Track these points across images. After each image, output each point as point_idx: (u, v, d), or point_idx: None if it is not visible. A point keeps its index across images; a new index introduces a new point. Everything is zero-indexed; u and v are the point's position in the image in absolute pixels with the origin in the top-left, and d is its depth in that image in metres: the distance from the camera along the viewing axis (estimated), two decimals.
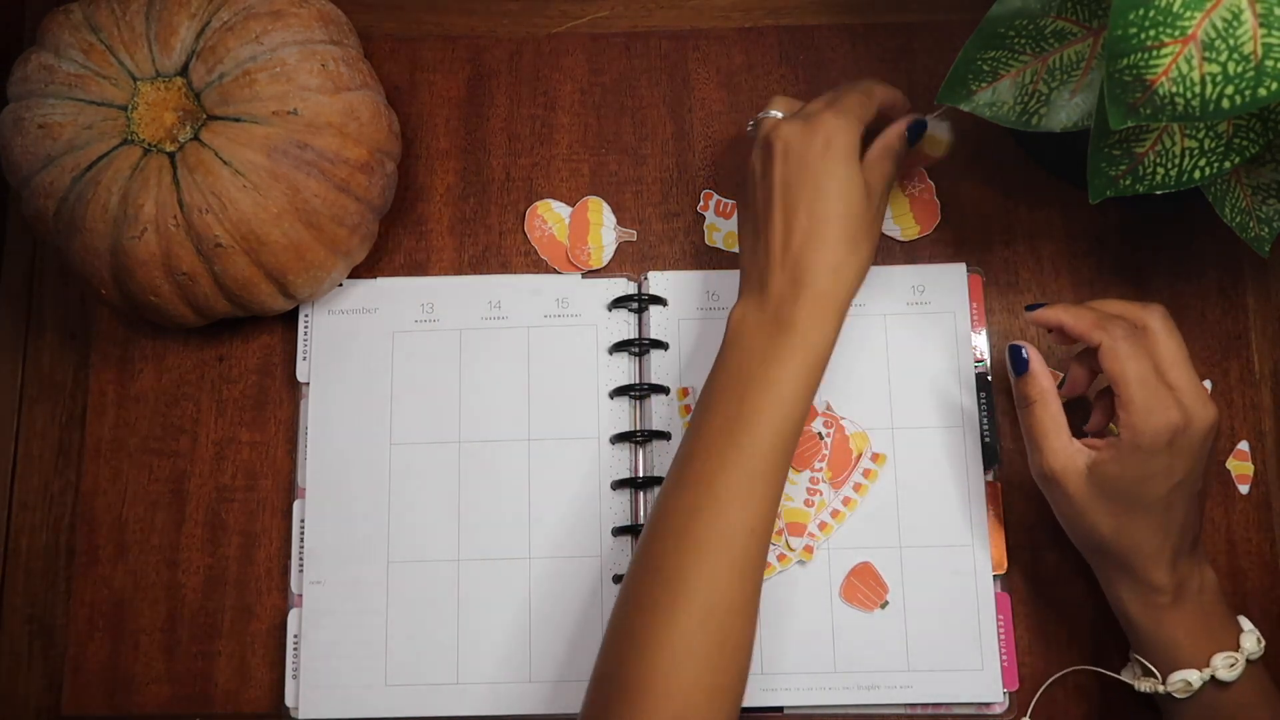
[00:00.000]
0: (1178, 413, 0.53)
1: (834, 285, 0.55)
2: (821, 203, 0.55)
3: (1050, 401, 0.57)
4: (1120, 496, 0.54)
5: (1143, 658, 0.57)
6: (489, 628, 0.63)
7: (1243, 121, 0.52)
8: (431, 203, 0.70)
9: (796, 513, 0.63)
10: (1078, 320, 0.56)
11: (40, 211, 0.60)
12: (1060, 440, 0.56)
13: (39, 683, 0.65)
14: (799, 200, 0.56)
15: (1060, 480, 0.56)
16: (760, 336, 0.55)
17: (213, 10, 0.60)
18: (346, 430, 0.66)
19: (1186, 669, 0.54)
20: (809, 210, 0.56)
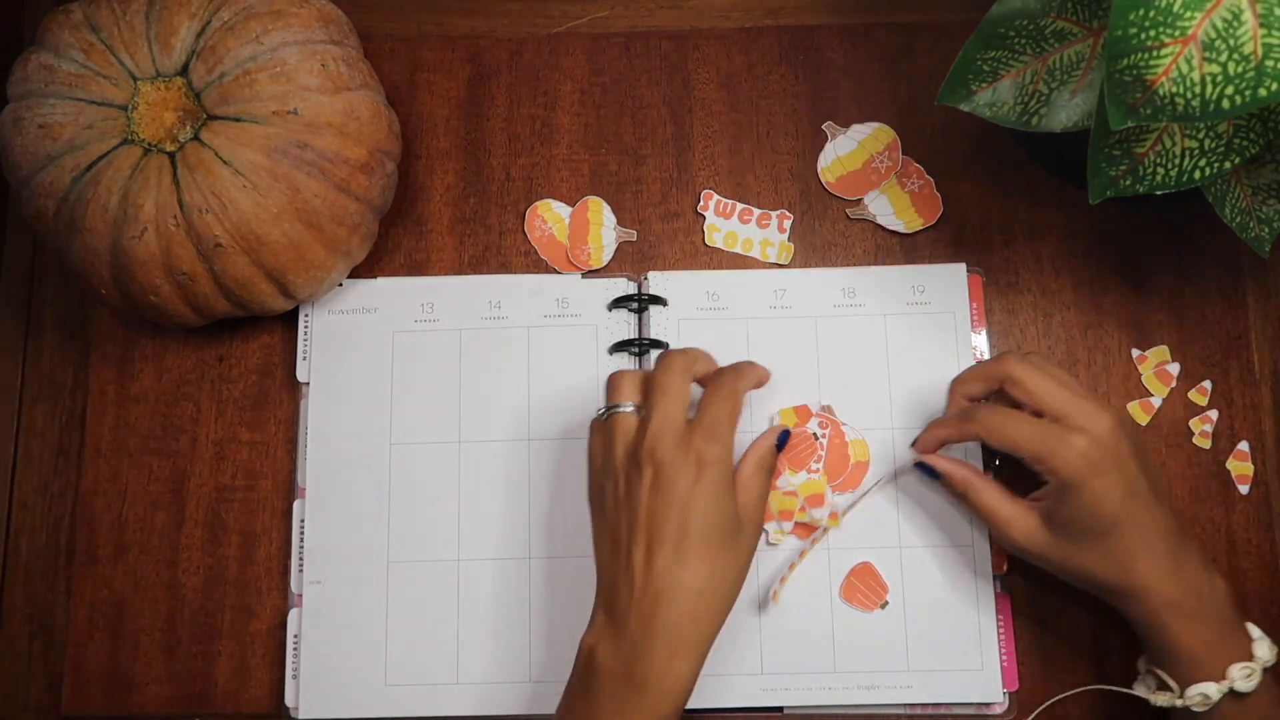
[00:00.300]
0: (1078, 437, 0.54)
1: (696, 613, 0.53)
2: (690, 535, 0.53)
3: (978, 485, 0.59)
4: (1085, 532, 0.55)
5: (1160, 671, 0.55)
6: (489, 628, 0.63)
7: (1243, 121, 0.52)
8: (431, 203, 0.70)
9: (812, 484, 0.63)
10: (949, 431, 0.60)
11: (40, 211, 0.60)
12: (1006, 511, 0.58)
13: (39, 683, 0.65)
14: (665, 533, 0.53)
15: (1026, 546, 0.57)
16: (611, 689, 0.52)
17: (213, 10, 0.60)
18: (346, 430, 0.66)
19: (1204, 681, 0.54)
20: (675, 543, 0.53)
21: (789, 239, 0.68)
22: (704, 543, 0.53)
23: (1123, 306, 0.67)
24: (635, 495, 0.54)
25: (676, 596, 0.53)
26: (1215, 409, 0.66)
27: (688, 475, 0.54)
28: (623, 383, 0.58)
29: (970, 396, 0.60)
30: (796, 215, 0.69)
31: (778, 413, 0.65)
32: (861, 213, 0.69)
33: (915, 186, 0.69)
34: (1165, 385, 0.66)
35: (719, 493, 0.54)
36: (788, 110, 0.70)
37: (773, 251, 0.68)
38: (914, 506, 0.64)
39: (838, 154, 0.69)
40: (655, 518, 0.53)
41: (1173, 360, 0.66)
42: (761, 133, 0.70)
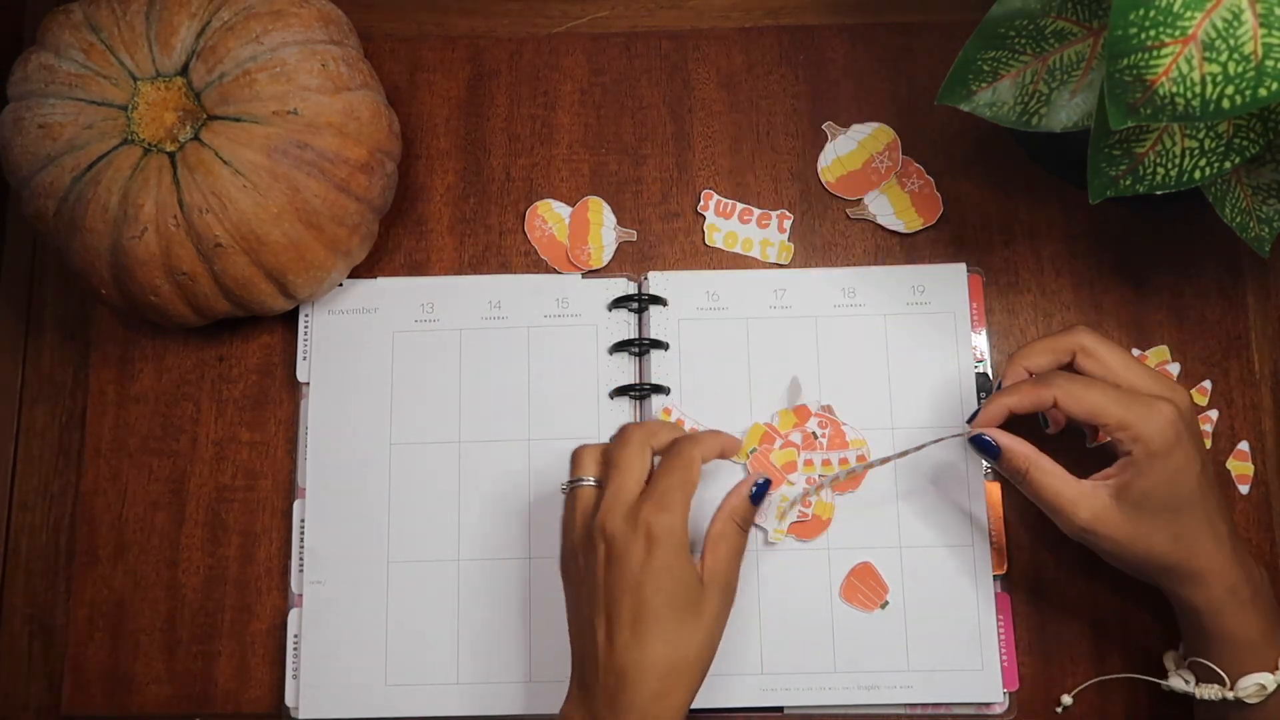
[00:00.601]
0: (1166, 407, 0.53)
1: (662, 690, 0.52)
2: (646, 612, 0.52)
3: (1040, 463, 0.55)
4: (1162, 507, 0.53)
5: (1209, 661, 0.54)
6: (489, 628, 0.63)
7: (1243, 121, 0.52)
8: (431, 203, 0.70)
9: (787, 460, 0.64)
10: (1021, 398, 0.56)
11: (40, 211, 0.60)
12: (1073, 491, 0.55)
13: (39, 683, 0.65)
14: (620, 611, 0.52)
15: (1094, 526, 0.54)
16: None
17: (213, 10, 0.60)
18: (346, 430, 0.66)
19: (1258, 672, 0.52)
20: (631, 622, 0.52)
21: (789, 239, 0.68)
22: (659, 620, 0.52)
23: (1123, 306, 0.67)
24: (593, 571, 0.54)
25: (639, 676, 0.52)
26: (1215, 409, 0.66)
27: (638, 551, 0.53)
28: (584, 457, 0.58)
29: (1035, 369, 0.57)
30: (796, 215, 0.69)
31: (777, 413, 0.65)
32: (861, 213, 0.69)
33: (915, 186, 0.69)
34: None
35: (671, 564, 0.53)
36: (788, 110, 0.70)
37: (773, 251, 0.68)
38: (914, 506, 0.64)
39: (838, 154, 0.69)
40: (610, 595, 0.53)
41: (1173, 360, 0.66)
42: (761, 133, 0.70)
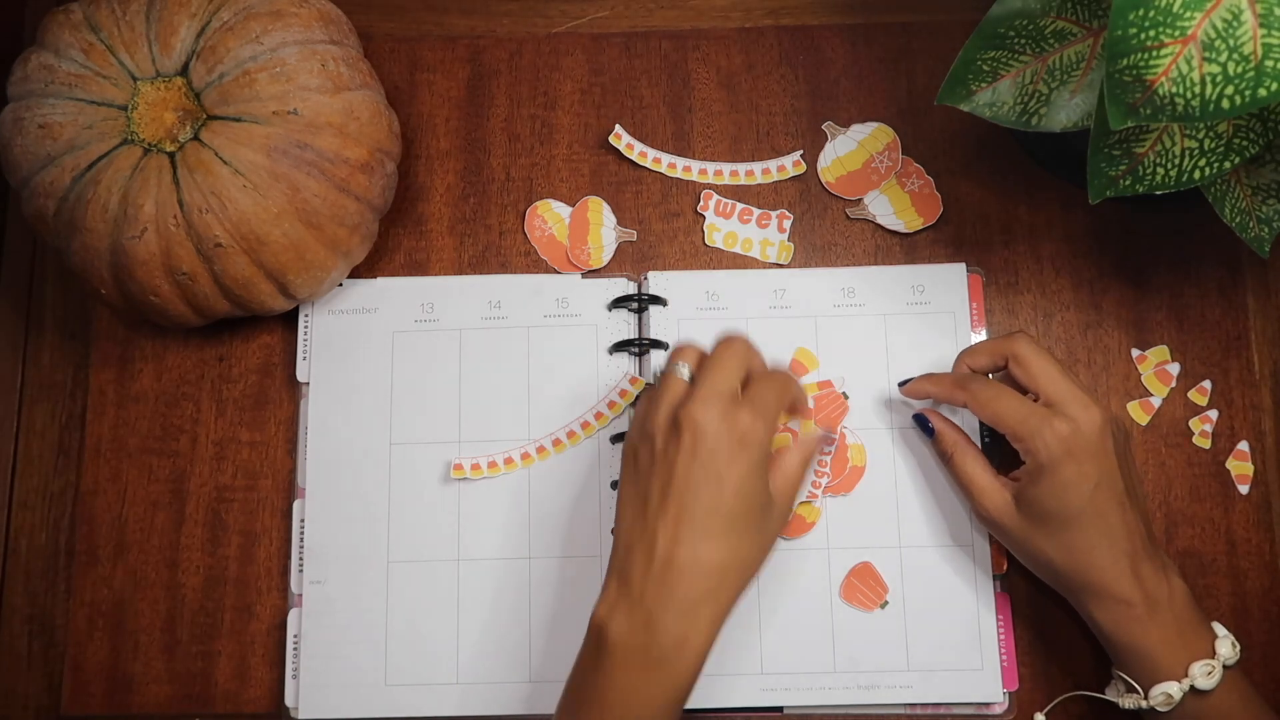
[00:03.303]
0: (1061, 423, 0.55)
1: (715, 589, 0.52)
2: (719, 511, 0.52)
3: (965, 450, 0.61)
4: (1050, 517, 0.56)
5: (1124, 674, 0.56)
6: (489, 628, 0.63)
7: (1243, 121, 0.52)
8: (431, 203, 0.70)
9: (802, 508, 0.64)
10: (939, 387, 0.61)
11: (40, 211, 0.60)
12: (984, 481, 0.59)
13: (39, 683, 0.65)
14: (696, 504, 0.52)
15: (996, 518, 0.58)
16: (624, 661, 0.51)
17: (213, 10, 0.60)
18: (346, 430, 0.66)
19: (1166, 681, 0.54)
20: (705, 516, 0.52)
21: (789, 239, 0.68)
22: (733, 520, 0.53)
23: (1123, 306, 0.67)
24: (671, 459, 0.53)
25: (697, 570, 0.52)
26: (1215, 409, 0.66)
27: (728, 448, 0.53)
28: (685, 349, 0.58)
29: (975, 369, 0.61)
30: (796, 215, 0.69)
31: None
32: (861, 213, 0.69)
33: (915, 186, 0.69)
34: (1165, 385, 0.66)
35: (755, 471, 0.53)
36: (788, 110, 0.70)
37: (773, 251, 0.68)
38: (914, 506, 0.64)
39: (838, 154, 0.69)
40: (689, 485, 0.52)
41: (1173, 360, 0.66)
42: (761, 133, 0.70)
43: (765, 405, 0.54)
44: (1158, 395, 0.66)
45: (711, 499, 0.52)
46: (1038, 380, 0.57)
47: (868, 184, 0.69)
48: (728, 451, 0.53)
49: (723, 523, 0.52)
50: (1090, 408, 0.55)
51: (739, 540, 0.53)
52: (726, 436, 0.53)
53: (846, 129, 0.70)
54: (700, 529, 0.52)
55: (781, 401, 0.56)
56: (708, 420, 0.53)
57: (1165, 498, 0.65)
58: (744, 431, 0.53)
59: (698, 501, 0.52)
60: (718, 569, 0.52)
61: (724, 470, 0.52)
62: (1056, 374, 0.57)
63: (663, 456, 0.54)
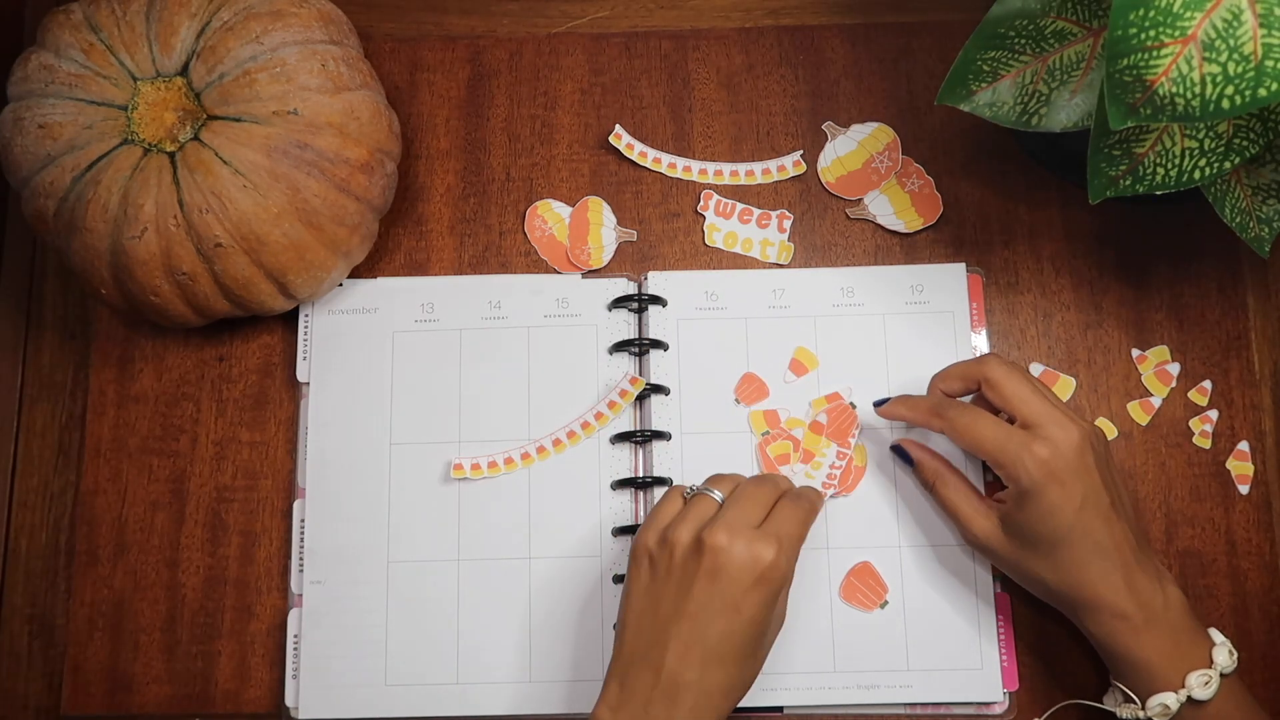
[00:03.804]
0: (1040, 446, 0.54)
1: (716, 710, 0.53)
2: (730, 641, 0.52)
3: (948, 478, 0.61)
4: (1039, 540, 0.56)
5: (1122, 684, 0.56)
6: (489, 628, 0.63)
7: (1243, 122, 0.52)
8: (431, 203, 0.70)
9: None
10: (915, 412, 0.61)
11: (40, 211, 0.60)
12: (969, 507, 0.59)
13: (39, 683, 0.65)
14: (708, 631, 0.52)
15: (985, 543, 0.58)
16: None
17: (213, 10, 0.60)
18: (346, 430, 0.66)
19: (1163, 692, 0.54)
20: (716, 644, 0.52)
21: (789, 239, 0.68)
22: (744, 647, 0.53)
23: (1123, 306, 0.67)
24: (689, 578, 0.53)
25: (702, 693, 0.52)
26: (1215, 409, 0.66)
27: (749, 580, 0.52)
28: (722, 479, 0.58)
29: (949, 393, 0.61)
30: (796, 215, 0.69)
31: (810, 402, 0.65)
32: (861, 213, 0.69)
33: (915, 186, 0.69)
34: (1165, 385, 0.66)
35: (771, 601, 0.53)
36: (788, 110, 0.70)
37: (773, 251, 0.68)
38: (914, 506, 0.64)
39: (838, 154, 0.69)
40: (705, 611, 0.52)
41: (1173, 360, 0.66)
42: (762, 133, 0.70)
43: (790, 538, 0.54)
44: (1158, 395, 0.66)
45: (725, 627, 0.52)
46: (1012, 403, 0.56)
47: (868, 184, 0.69)
48: (748, 584, 0.52)
49: (734, 650, 0.53)
50: (1067, 426, 0.55)
51: (747, 663, 0.54)
52: (749, 569, 0.53)
53: (846, 129, 0.70)
54: (711, 655, 0.52)
55: (806, 530, 0.56)
56: (733, 549, 0.53)
57: (1165, 498, 0.65)
58: (767, 567, 0.53)
59: (711, 627, 0.52)
60: (722, 691, 0.53)
61: (741, 601, 0.52)
62: (1030, 394, 0.56)
63: (681, 572, 0.53)
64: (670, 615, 0.53)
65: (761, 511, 0.55)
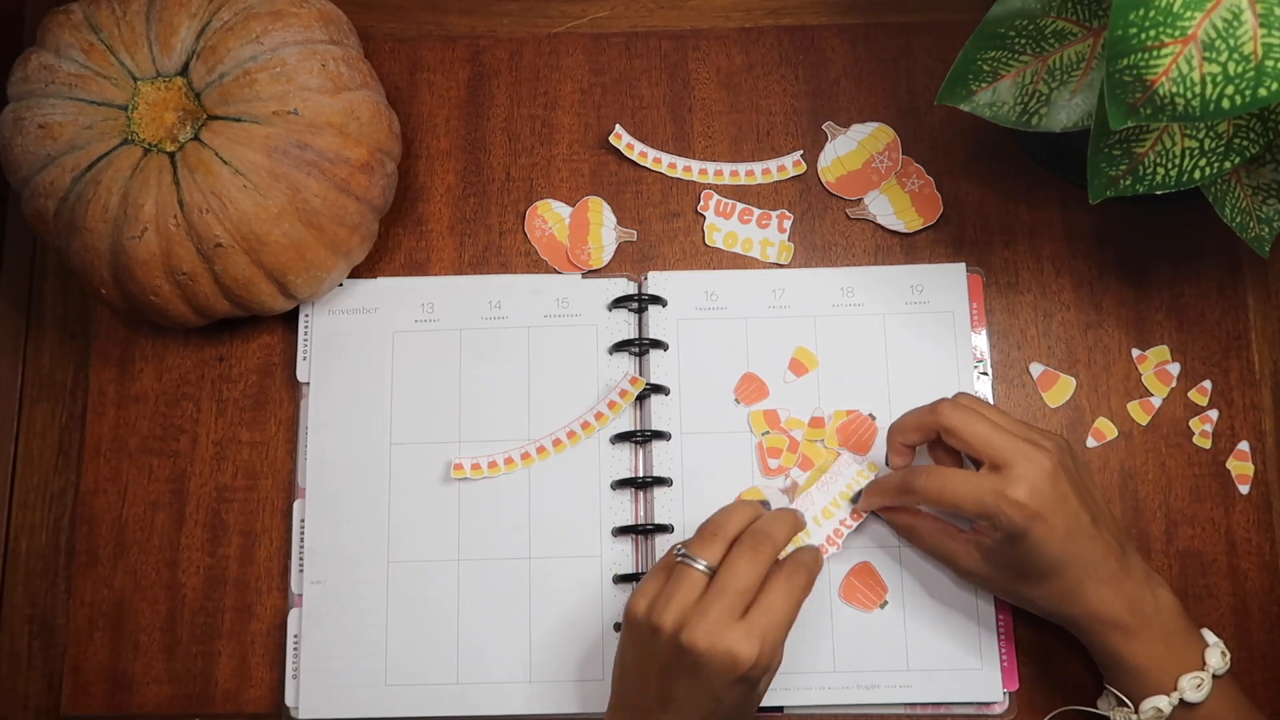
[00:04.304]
0: (1016, 488, 0.53)
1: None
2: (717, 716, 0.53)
3: (920, 527, 0.61)
4: (1028, 571, 0.56)
5: (1115, 689, 0.56)
6: (489, 628, 0.63)
7: (1243, 121, 0.52)
8: (431, 203, 0.70)
9: None
10: (886, 495, 0.60)
11: (40, 211, 0.60)
12: (948, 548, 0.59)
13: (39, 683, 0.65)
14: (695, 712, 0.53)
15: (977, 578, 0.59)
16: None
17: (213, 10, 0.60)
18: (346, 430, 0.66)
19: (1155, 695, 0.54)
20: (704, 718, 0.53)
21: (789, 239, 0.68)
22: None
23: (1123, 306, 0.67)
24: (671, 673, 0.53)
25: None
26: (1215, 409, 0.66)
27: (726, 678, 0.52)
28: (714, 542, 0.55)
29: (907, 444, 0.60)
30: (796, 215, 0.69)
31: (832, 413, 0.65)
32: (861, 212, 0.69)
33: (915, 186, 0.69)
34: (1165, 385, 0.66)
35: (753, 689, 0.53)
36: (788, 110, 0.70)
37: (773, 251, 0.68)
38: None
39: (838, 154, 0.69)
40: (687, 701, 0.53)
41: (1173, 360, 0.66)
42: (762, 133, 0.70)
43: (775, 627, 0.53)
44: (1158, 395, 0.66)
45: (708, 712, 0.53)
46: (975, 446, 0.55)
47: (868, 184, 0.69)
48: (727, 682, 0.52)
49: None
50: (1035, 457, 0.54)
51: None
52: (730, 670, 0.52)
53: (846, 129, 0.70)
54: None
55: (796, 610, 0.54)
56: (712, 651, 0.51)
57: (1165, 498, 0.65)
58: (748, 668, 0.52)
59: (694, 712, 0.53)
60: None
61: (723, 694, 0.52)
62: (990, 433, 0.55)
63: (665, 659, 0.53)
64: (656, 697, 0.53)
65: (746, 597, 0.53)
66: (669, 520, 0.64)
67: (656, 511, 0.64)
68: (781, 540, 0.56)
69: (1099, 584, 0.55)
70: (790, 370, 0.66)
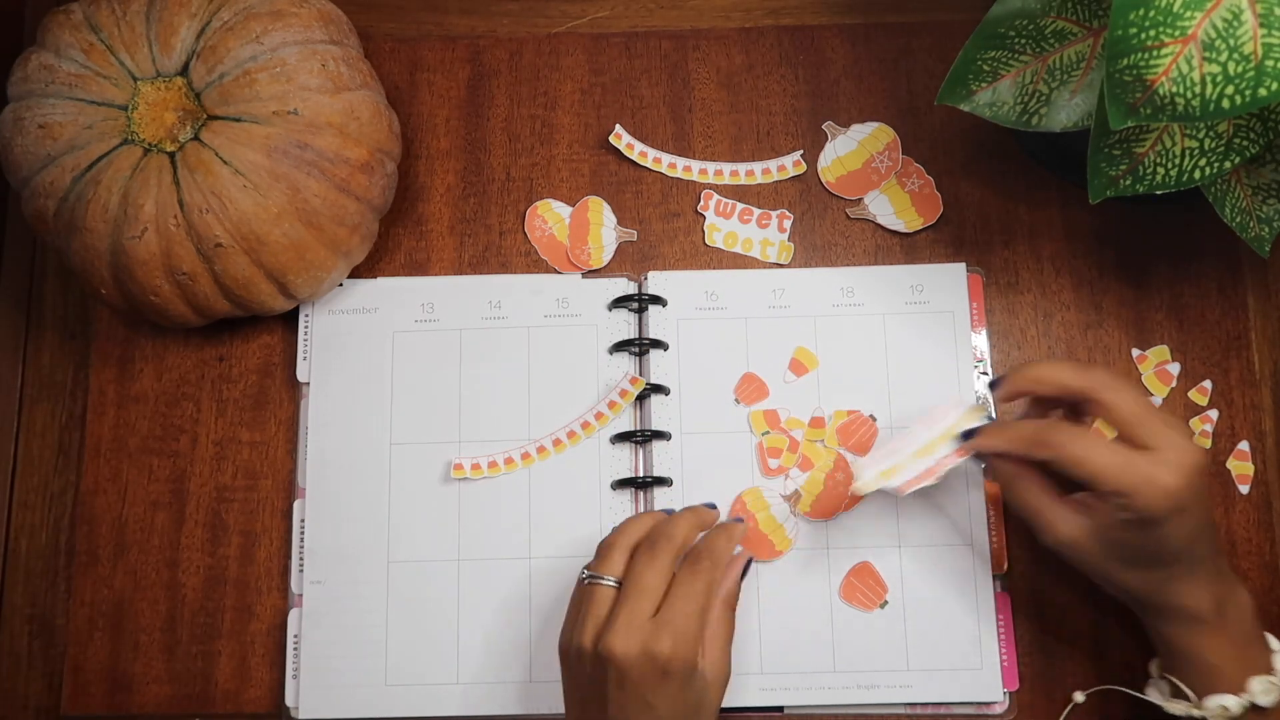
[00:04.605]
0: (1166, 475, 0.51)
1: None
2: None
3: (1023, 477, 0.55)
4: (1142, 558, 0.53)
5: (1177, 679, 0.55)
6: (489, 628, 0.63)
7: (1243, 121, 0.52)
8: (431, 203, 0.70)
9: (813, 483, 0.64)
10: (1015, 443, 0.55)
11: (40, 211, 0.60)
12: (1054, 512, 0.54)
13: (39, 683, 0.65)
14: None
15: (1070, 547, 0.54)
16: None
17: (213, 10, 0.60)
18: (346, 430, 0.66)
19: (1223, 694, 0.53)
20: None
21: (789, 239, 0.68)
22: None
23: (1123, 306, 0.67)
24: (601, 688, 0.53)
25: None
26: (1215, 409, 0.66)
27: (653, 680, 0.52)
28: (612, 554, 0.56)
29: (1040, 397, 0.56)
30: (796, 215, 0.69)
31: (832, 413, 0.65)
32: (861, 212, 0.69)
33: (915, 186, 0.69)
34: (1165, 385, 0.66)
35: (684, 688, 0.53)
36: (788, 110, 0.70)
37: (773, 251, 0.68)
38: (913, 506, 0.64)
39: (838, 154, 0.69)
40: (623, 713, 0.53)
41: (1173, 360, 0.66)
42: (762, 133, 0.70)
43: (685, 620, 0.53)
44: (1158, 395, 0.66)
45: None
46: (1126, 421, 0.52)
47: (868, 184, 0.69)
48: (653, 683, 0.52)
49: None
50: (1187, 447, 0.51)
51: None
52: (650, 669, 0.52)
53: (846, 129, 0.70)
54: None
55: (704, 611, 0.54)
56: (627, 655, 0.52)
57: None
58: (665, 661, 0.52)
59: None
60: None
61: (653, 698, 0.52)
62: (1144, 411, 0.52)
63: (591, 681, 0.54)
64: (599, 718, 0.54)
65: (653, 596, 0.54)
66: None
67: None
68: (679, 537, 0.56)
69: (1196, 579, 0.53)
70: (790, 370, 0.66)
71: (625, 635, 0.52)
